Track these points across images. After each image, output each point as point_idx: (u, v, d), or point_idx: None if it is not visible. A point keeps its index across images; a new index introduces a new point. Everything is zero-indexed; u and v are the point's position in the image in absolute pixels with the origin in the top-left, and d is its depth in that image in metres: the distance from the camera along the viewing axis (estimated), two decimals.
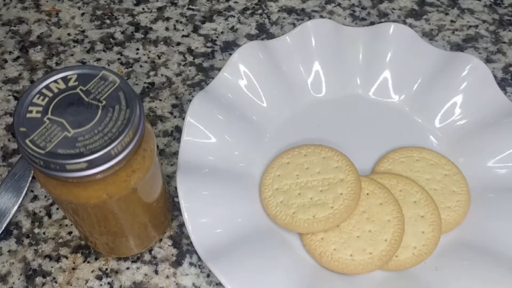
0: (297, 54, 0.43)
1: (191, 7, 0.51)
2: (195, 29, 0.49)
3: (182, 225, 0.37)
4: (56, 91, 0.26)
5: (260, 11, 0.51)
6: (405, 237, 0.35)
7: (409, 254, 0.34)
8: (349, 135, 0.41)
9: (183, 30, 0.49)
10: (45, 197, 0.38)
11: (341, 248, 0.34)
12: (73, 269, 0.35)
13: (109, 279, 0.35)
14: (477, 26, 0.50)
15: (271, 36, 0.49)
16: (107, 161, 0.25)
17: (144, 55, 0.47)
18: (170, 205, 0.37)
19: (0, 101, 0.44)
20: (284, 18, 0.50)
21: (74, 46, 0.48)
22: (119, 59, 0.47)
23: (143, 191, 0.29)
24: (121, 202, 0.28)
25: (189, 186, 0.35)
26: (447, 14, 0.51)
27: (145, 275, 0.35)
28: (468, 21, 0.50)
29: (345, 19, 0.50)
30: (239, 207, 0.36)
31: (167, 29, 0.49)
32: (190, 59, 0.47)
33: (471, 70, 0.40)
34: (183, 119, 0.41)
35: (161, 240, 0.36)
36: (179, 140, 0.41)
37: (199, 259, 0.36)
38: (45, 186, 0.27)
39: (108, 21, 0.50)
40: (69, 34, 0.49)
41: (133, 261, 0.35)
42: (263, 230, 0.35)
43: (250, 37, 0.49)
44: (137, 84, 0.45)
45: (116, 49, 0.48)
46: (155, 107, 0.44)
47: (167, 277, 0.35)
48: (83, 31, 0.49)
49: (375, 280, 0.34)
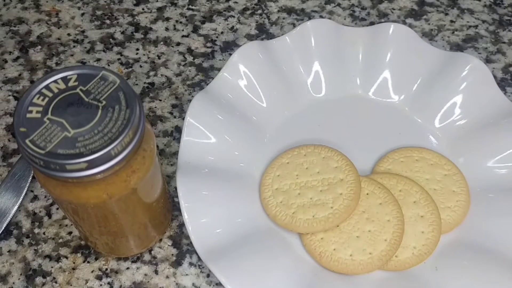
0: (297, 54, 0.43)
1: (191, 7, 0.51)
2: (195, 29, 0.49)
3: (182, 225, 0.37)
4: (56, 91, 0.26)
5: (260, 11, 0.51)
6: (405, 237, 0.35)
7: (409, 254, 0.34)
8: (349, 135, 0.41)
9: (183, 30, 0.49)
10: (45, 197, 0.38)
11: (341, 248, 0.34)
12: (73, 269, 0.35)
13: (109, 279, 0.35)
14: (476, 26, 0.50)
15: (271, 36, 0.49)
16: (107, 161, 0.25)
17: (144, 55, 0.47)
18: (170, 205, 0.37)
19: (0, 101, 0.44)
20: (284, 18, 0.50)
21: (74, 46, 0.48)
22: (119, 59, 0.47)
23: (143, 191, 0.29)
24: (121, 202, 0.28)
25: (189, 186, 0.35)
26: (446, 14, 0.51)
27: (145, 275, 0.35)
28: (468, 21, 0.50)
29: (345, 19, 0.50)
30: (239, 207, 0.36)
31: (167, 29, 0.49)
32: (190, 59, 0.47)
33: (471, 70, 0.40)
34: (183, 119, 0.41)
35: (161, 240, 0.36)
36: (179, 140, 0.41)
37: (199, 259, 0.36)
38: (45, 186, 0.27)
39: (108, 21, 0.50)
40: (69, 34, 0.49)
41: (133, 261, 0.35)
42: (263, 230, 0.35)
43: (250, 37, 0.49)
44: (137, 84, 0.45)
45: (116, 49, 0.48)
46: (155, 107, 0.44)
47: (167, 277, 0.35)
48: (83, 31, 0.49)
49: (375, 280, 0.34)
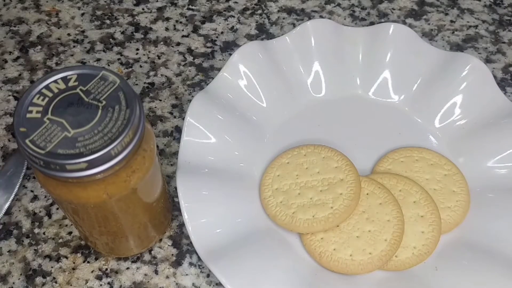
0: (297, 54, 0.43)
1: (191, 7, 0.51)
2: (195, 29, 0.49)
3: (182, 225, 0.37)
4: (56, 91, 0.26)
5: (260, 11, 0.51)
6: (405, 237, 0.35)
7: (409, 254, 0.34)
8: (349, 135, 0.41)
9: (183, 30, 0.49)
10: (45, 197, 0.38)
11: (340, 248, 0.34)
12: (73, 269, 0.35)
13: (109, 279, 0.35)
14: (476, 26, 0.50)
15: (271, 36, 0.49)
16: (107, 161, 0.25)
17: (144, 55, 0.47)
18: (170, 205, 0.37)
19: (0, 101, 0.44)
20: (284, 18, 0.50)
21: (74, 46, 0.48)
22: (119, 59, 0.47)
23: (143, 191, 0.29)
24: (121, 202, 0.28)
25: (189, 186, 0.35)
26: (446, 14, 0.51)
27: (145, 275, 0.35)
28: (468, 21, 0.50)
29: (345, 19, 0.50)
30: (239, 207, 0.36)
31: (167, 29, 0.49)
32: (190, 59, 0.47)
33: (471, 70, 0.40)
34: (183, 119, 0.41)
35: (161, 240, 0.36)
36: (179, 140, 0.41)
37: (199, 259, 0.36)
38: (45, 186, 0.27)
39: (108, 21, 0.50)
40: (69, 34, 0.49)
41: (133, 261, 0.35)
42: (263, 230, 0.35)
43: (250, 37, 0.49)
44: (137, 84, 0.45)
45: (116, 49, 0.48)
46: (155, 107, 0.44)
47: (167, 277, 0.35)
48: (83, 31, 0.49)
49: (375, 280, 0.34)
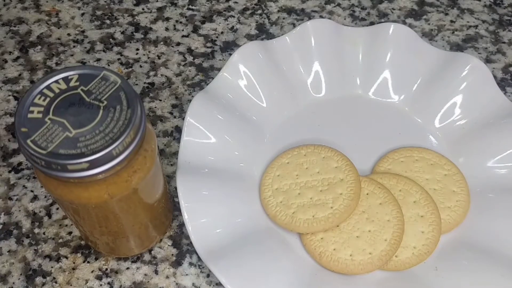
0: (297, 54, 0.43)
1: (191, 7, 0.51)
2: (195, 29, 0.49)
3: (182, 225, 0.37)
4: (57, 91, 0.26)
5: (260, 11, 0.51)
6: (405, 237, 0.35)
7: (409, 254, 0.34)
8: (349, 135, 0.41)
9: (183, 30, 0.49)
10: (45, 197, 0.38)
11: (340, 248, 0.34)
12: (73, 269, 0.35)
13: (109, 279, 0.35)
14: (476, 26, 0.50)
15: (271, 36, 0.49)
16: (108, 161, 0.25)
17: (144, 55, 0.47)
18: (171, 205, 0.37)
19: (0, 101, 0.44)
20: (284, 18, 0.50)
21: (74, 46, 0.48)
22: (119, 59, 0.47)
23: (144, 191, 0.29)
24: (122, 202, 0.28)
25: (189, 186, 0.35)
26: (446, 14, 0.51)
27: (145, 275, 0.35)
28: (468, 21, 0.51)
29: (345, 19, 0.50)
30: (239, 207, 0.36)
31: (167, 29, 0.49)
32: (190, 59, 0.47)
33: (471, 70, 0.40)
34: (183, 119, 0.41)
35: (161, 240, 0.36)
36: (179, 140, 0.41)
37: (199, 259, 0.36)
38: (46, 186, 0.27)
39: (108, 21, 0.50)
40: (69, 34, 0.49)
41: (133, 261, 0.35)
42: (263, 230, 0.35)
43: (250, 37, 0.49)
44: (137, 84, 0.45)
45: (116, 49, 0.48)
46: (155, 107, 0.44)
47: (167, 277, 0.35)
48: (83, 31, 0.49)
49: (375, 280, 0.34)
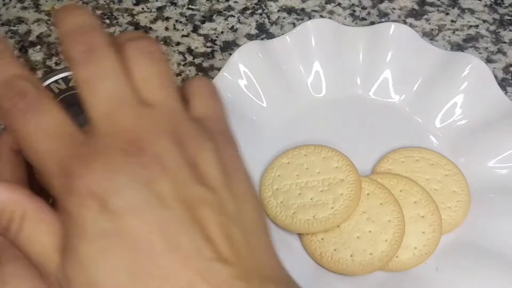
0: (297, 54, 0.42)
1: (190, 7, 0.51)
2: (195, 29, 0.49)
3: None
4: (57, 91, 0.26)
5: (260, 11, 0.51)
6: (406, 237, 0.34)
7: (410, 254, 0.34)
8: (349, 135, 0.41)
9: (183, 30, 0.49)
10: None
11: (341, 248, 0.34)
12: None
13: None
14: (477, 26, 0.50)
15: (271, 36, 0.49)
16: None
17: None
18: None
19: None
20: (284, 18, 0.50)
21: None
22: None
23: None
24: None
25: None
26: (447, 14, 0.51)
27: None
28: (468, 21, 0.50)
29: (345, 19, 0.50)
30: None
31: (166, 29, 0.49)
32: (190, 59, 0.47)
33: (471, 70, 0.40)
34: None
35: None
36: None
37: None
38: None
39: (107, 21, 0.50)
40: None
41: None
42: None
43: (250, 37, 0.49)
44: None
45: None
46: None
47: None
48: None
49: (376, 280, 0.34)
